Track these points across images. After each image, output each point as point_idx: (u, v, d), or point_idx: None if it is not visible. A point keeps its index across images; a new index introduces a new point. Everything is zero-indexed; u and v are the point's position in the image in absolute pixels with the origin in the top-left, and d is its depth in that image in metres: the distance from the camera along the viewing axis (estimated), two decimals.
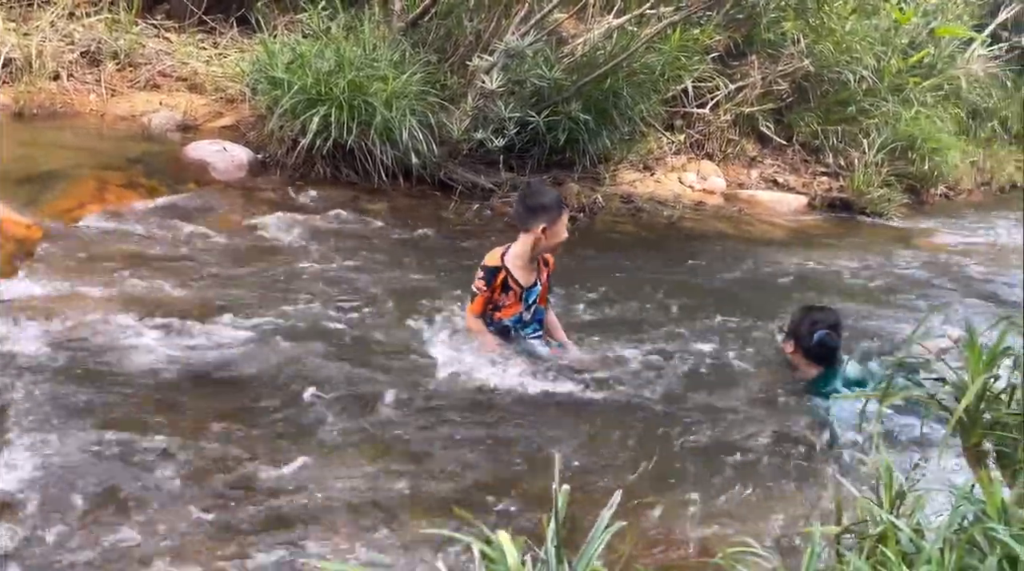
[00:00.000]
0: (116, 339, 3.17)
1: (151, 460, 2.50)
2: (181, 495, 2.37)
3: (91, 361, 3.00)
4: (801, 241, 6.45)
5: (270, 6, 6.84)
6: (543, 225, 3.21)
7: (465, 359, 3.39)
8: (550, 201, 3.26)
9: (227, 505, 2.35)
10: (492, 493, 2.52)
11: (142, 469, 2.46)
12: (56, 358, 2.96)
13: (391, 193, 5.59)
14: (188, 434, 2.66)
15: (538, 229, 3.21)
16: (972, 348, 2.57)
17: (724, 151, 7.98)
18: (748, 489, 2.65)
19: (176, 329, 3.33)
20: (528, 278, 3.36)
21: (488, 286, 3.34)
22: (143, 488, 2.37)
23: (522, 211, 3.29)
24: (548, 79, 5.94)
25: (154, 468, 2.46)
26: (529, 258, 3.32)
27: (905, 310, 4.85)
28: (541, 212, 3.23)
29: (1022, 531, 1.77)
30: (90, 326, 3.21)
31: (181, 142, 5.59)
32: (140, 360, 3.06)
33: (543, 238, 3.23)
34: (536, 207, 3.24)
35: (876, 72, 8.12)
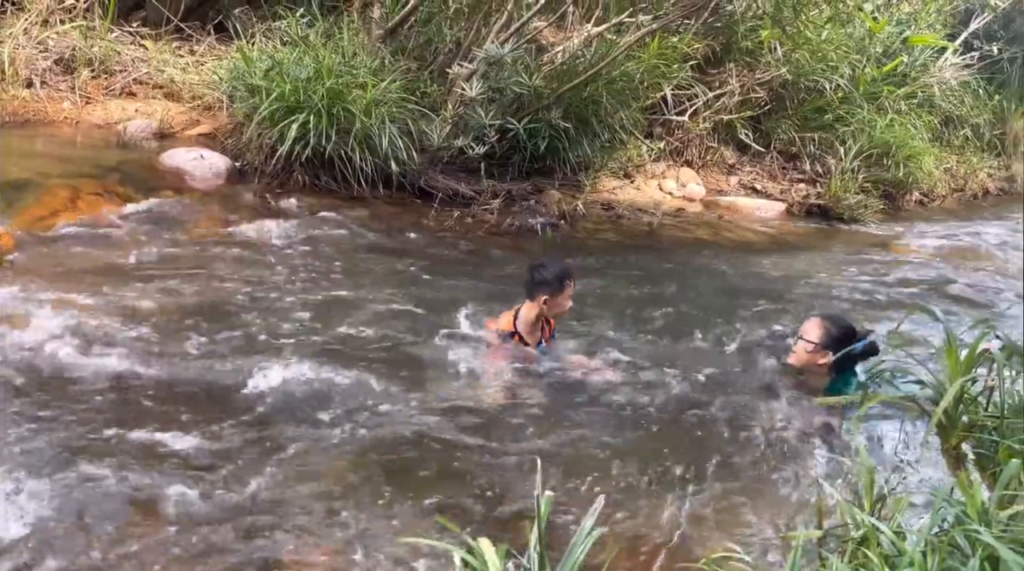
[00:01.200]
0: (88, 348, 3.11)
1: (119, 473, 2.45)
2: (153, 506, 2.32)
3: (61, 371, 2.94)
4: (780, 247, 6.50)
5: (248, 13, 6.79)
6: (545, 297, 3.51)
7: (446, 366, 3.37)
8: (552, 276, 3.54)
9: (202, 516, 2.31)
10: (475, 500, 2.50)
11: (111, 482, 2.40)
12: (24, 368, 2.90)
13: (371, 201, 5.56)
14: (162, 445, 2.61)
15: (541, 300, 3.51)
16: (949, 352, 2.60)
17: (703, 158, 8.03)
18: (731, 494, 2.65)
19: (151, 338, 3.27)
20: (535, 338, 3.63)
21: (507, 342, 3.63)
22: (111, 501, 2.32)
23: (528, 283, 3.58)
24: (528, 87, 5.94)
25: (123, 481, 2.41)
26: (534, 323, 3.60)
27: (881, 314, 4.89)
28: (544, 286, 3.52)
29: (1003, 533, 1.78)
30: (61, 335, 3.15)
31: (157, 150, 5.53)
32: (114, 370, 3.01)
33: (546, 308, 3.53)
34: (540, 281, 3.54)
35: (851, 80, 8.23)
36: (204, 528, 2.26)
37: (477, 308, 4.13)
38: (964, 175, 9.74)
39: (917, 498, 2.22)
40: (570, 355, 3.67)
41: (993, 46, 9.73)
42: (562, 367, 3.50)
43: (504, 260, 5.15)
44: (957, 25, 9.69)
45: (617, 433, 2.98)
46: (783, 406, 3.37)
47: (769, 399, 3.45)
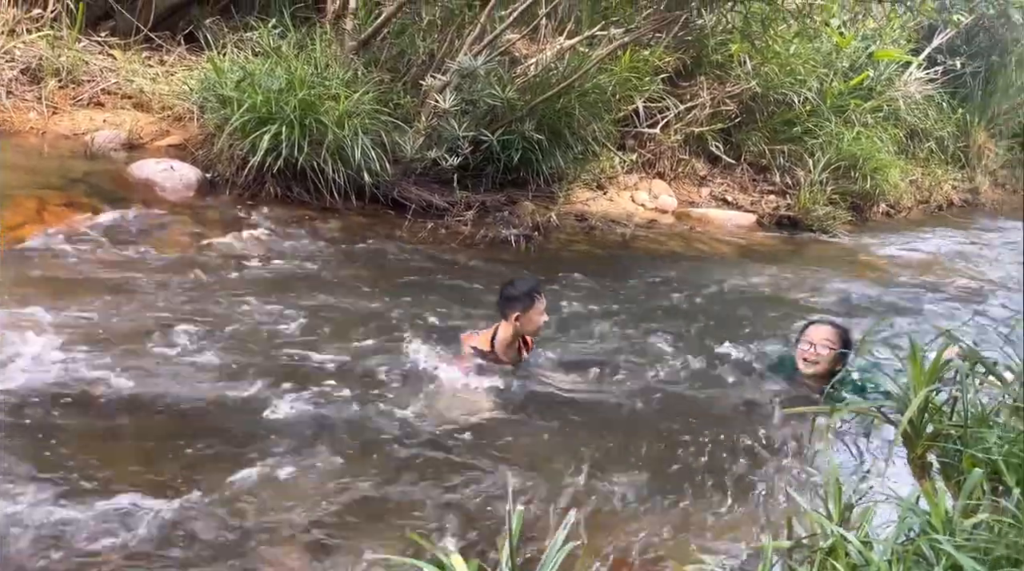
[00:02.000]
0: (55, 363, 3.06)
1: (88, 488, 2.40)
2: (124, 524, 2.28)
3: (27, 387, 2.88)
4: (750, 258, 6.58)
5: (219, 23, 6.74)
6: (516, 314, 3.52)
7: (420, 380, 3.36)
8: (521, 292, 3.56)
9: (173, 533, 2.27)
10: (447, 516, 2.49)
11: (80, 497, 2.36)
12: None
13: (344, 212, 5.53)
14: (132, 461, 2.56)
15: (513, 317, 3.51)
16: (914, 362, 2.64)
17: (675, 170, 8.11)
18: (702, 505, 2.67)
19: (118, 354, 3.22)
20: (513, 358, 3.64)
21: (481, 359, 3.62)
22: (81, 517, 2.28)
23: (500, 301, 3.59)
24: (501, 99, 5.97)
25: (93, 496, 2.37)
26: (510, 343, 3.61)
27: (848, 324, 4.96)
28: (515, 302, 3.54)
29: (966, 541, 1.81)
30: (27, 351, 3.09)
31: (126, 161, 5.45)
32: (80, 386, 2.96)
33: (519, 325, 3.53)
34: (510, 297, 3.56)
35: (819, 94, 8.38)
36: (175, 549, 2.23)
37: (451, 320, 4.13)
38: (929, 187, 9.94)
39: (884, 507, 2.25)
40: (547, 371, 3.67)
41: (956, 61, 9.97)
42: (537, 383, 3.48)
43: (478, 271, 5.16)
44: (921, 40, 9.91)
45: (588, 447, 2.98)
46: (754, 417, 3.41)
47: (741, 410, 3.49)
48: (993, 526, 1.90)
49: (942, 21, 8.85)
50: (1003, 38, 10.56)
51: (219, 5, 7.11)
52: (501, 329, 3.58)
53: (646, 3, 6.28)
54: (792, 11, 6.52)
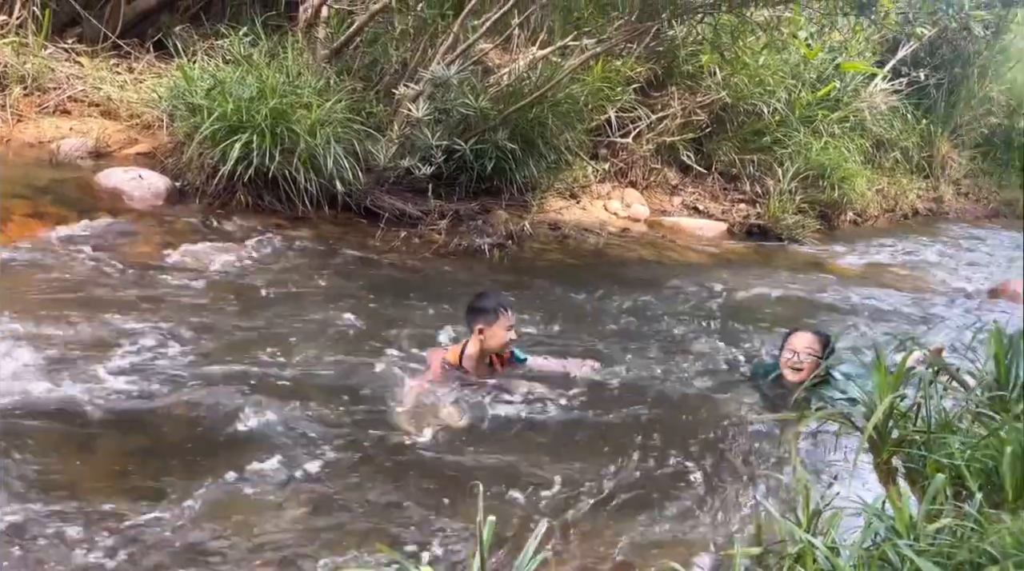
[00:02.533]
0: (19, 376, 3.00)
1: (57, 502, 2.36)
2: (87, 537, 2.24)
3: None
4: (721, 266, 6.65)
5: (189, 31, 6.68)
6: (480, 327, 3.45)
7: (391, 392, 3.34)
8: (486, 305, 3.49)
9: (140, 545, 2.24)
10: (417, 526, 2.48)
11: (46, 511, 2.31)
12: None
13: (316, 221, 5.50)
14: (97, 473, 2.52)
15: (477, 330, 3.46)
16: (879, 369, 2.69)
17: (647, 179, 8.19)
18: (673, 513, 2.69)
19: (86, 363, 3.17)
20: (482, 373, 3.56)
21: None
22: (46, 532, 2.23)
23: (466, 314, 3.53)
24: (474, 108, 5.98)
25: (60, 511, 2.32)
26: (479, 359, 3.53)
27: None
28: (479, 314, 3.47)
29: (930, 546, 1.85)
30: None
31: (93, 169, 5.37)
32: (45, 398, 2.90)
33: (483, 339, 3.46)
34: (475, 309, 3.50)
35: (788, 104, 8.51)
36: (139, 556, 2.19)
37: (423, 330, 4.12)
38: (895, 196, 10.13)
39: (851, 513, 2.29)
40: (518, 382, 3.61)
41: (920, 73, 10.19)
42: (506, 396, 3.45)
43: (451, 280, 5.15)
44: (885, 53, 10.12)
45: (559, 456, 2.99)
46: (725, 424, 3.44)
47: (711, 417, 3.52)
48: (956, 531, 1.94)
49: (905, 34, 9.03)
50: (965, 50, 10.81)
51: (189, 12, 7.06)
52: (470, 344, 3.52)
53: (617, 14, 6.33)
54: (760, 23, 6.62)
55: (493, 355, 3.58)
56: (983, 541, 1.84)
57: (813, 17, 7.24)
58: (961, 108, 11.17)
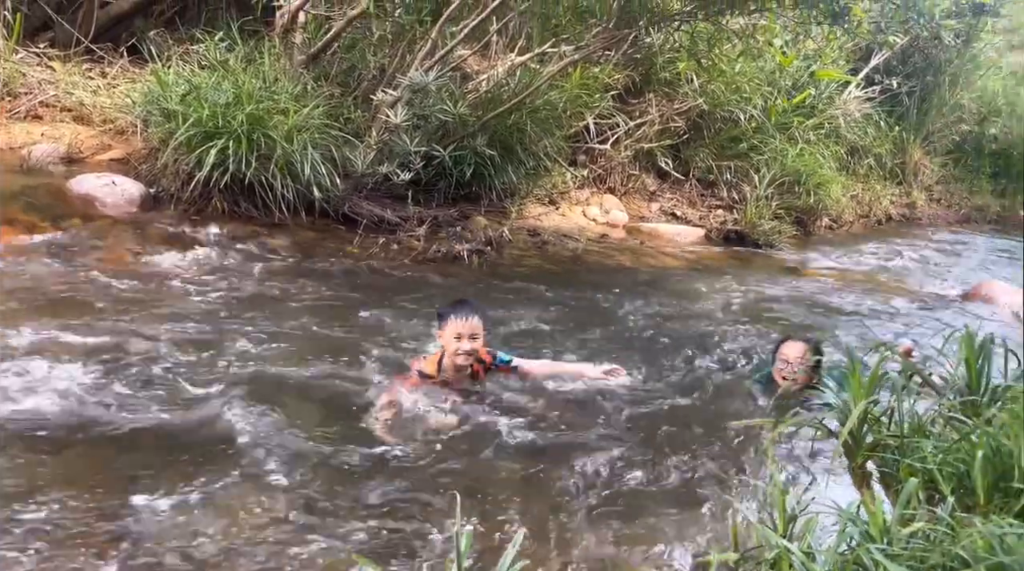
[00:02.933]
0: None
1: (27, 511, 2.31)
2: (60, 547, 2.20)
3: None
4: (699, 272, 6.69)
5: (163, 35, 6.62)
6: (438, 332, 3.43)
7: (369, 399, 3.32)
8: (441, 310, 3.45)
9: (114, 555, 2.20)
10: (394, 537, 2.46)
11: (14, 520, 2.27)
12: None
13: (293, 227, 5.46)
14: (72, 484, 2.48)
15: (439, 337, 3.42)
16: (853, 374, 2.72)
17: (625, 185, 8.24)
18: (650, 519, 2.69)
19: (58, 376, 3.12)
20: (462, 382, 3.47)
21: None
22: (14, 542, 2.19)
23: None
24: (453, 114, 5.99)
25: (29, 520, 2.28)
26: (455, 368, 3.44)
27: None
28: (437, 320, 3.44)
29: (903, 550, 1.86)
30: None
31: (65, 175, 5.30)
32: (15, 406, 2.85)
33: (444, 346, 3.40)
34: (437, 316, 3.46)
35: (764, 111, 8.61)
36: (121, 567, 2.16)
37: (402, 337, 4.10)
38: (869, 202, 10.28)
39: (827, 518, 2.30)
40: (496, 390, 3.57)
41: (892, 81, 10.37)
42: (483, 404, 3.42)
43: (430, 286, 5.14)
44: (858, 61, 10.28)
45: (534, 465, 2.98)
46: (703, 429, 3.45)
47: (689, 422, 3.53)
48: (929, 535, 1.96)
49: (878, 42, 9.19)
50: (936, 58, 11.02)
51: (164, 17, 7.00)
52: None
53: (595, 21, 6.37)
54: (736, 31, 6.70)
55: (473, 366, 3.50)
56: (955, 545, 1.86)
57: (788, 25, 7.34)
58: (933, 115, 11.38)
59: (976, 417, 2.58)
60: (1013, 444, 2.28)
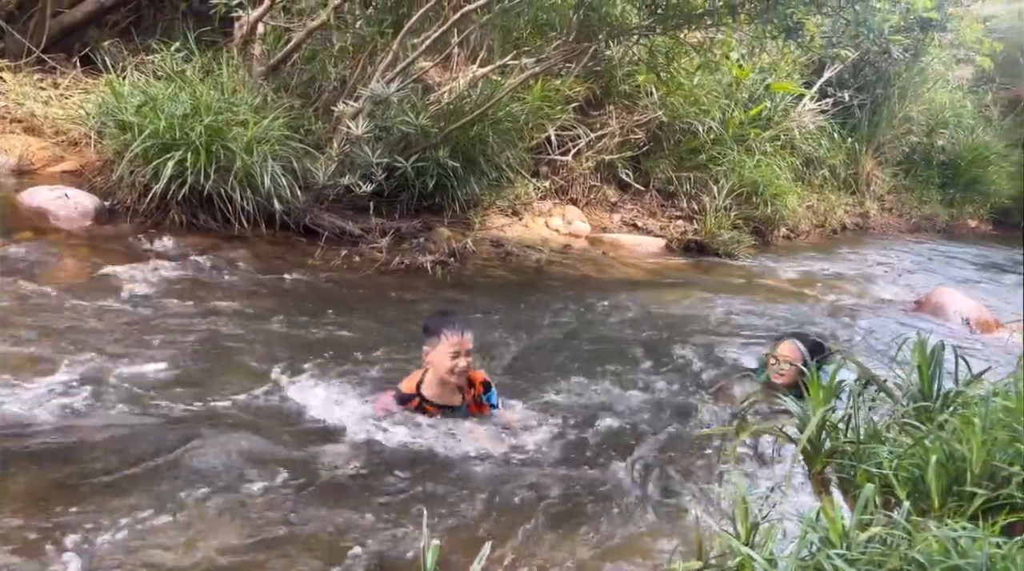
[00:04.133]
0: None
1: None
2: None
3: None
4: (660, 282, 6.77)
5: (118, 46, 6.50)
6: (425, 348, 3.20)
7: (333, 415, 3.29)
8: (430, 324, 3.22)
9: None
10: (361, 553, 2.43)
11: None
12: None
13: (253, 240, 5.39)
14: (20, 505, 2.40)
15: (424, 353, 3.21)
16: (812, 382, 2.78)
17: (587, 196, 8.31)
18: (615, 529, 2.71)
19: (7, 389, 3.02)
20: (451, 399, 3.29)
21: (401, 406, 3.27)
22: None
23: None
24: (415, 126, 5.98)
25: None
26: (440, 382, 3.24)
27: (753, 343, 5.17)
28: (424, 335, 3.22)
29: (861, 554, 1.91)
30: None
31: (15, 188, 5.16)
32: None
33: (431, 364, 3.19)
34: (423, 329, 3.25)
35: (722, 123, 8.77)
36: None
37: (364, 350, 4.07)
38: (824, 212, 10.51)
39: (789, 524, 2.34)
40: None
41: (844, 93, 10.65)
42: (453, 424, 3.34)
43: (393, 299, 5.11)
44: (812, 74, 10.54)
45: (499, 478, 2.97)
46: (667, 439, 3.49)
47: (652, 430, 3.56)
48: (886, 539, 2.01)
49: (830, 56, 9.43)
50: (886, 72, 11.34)
51: (118, 27, 6.88)
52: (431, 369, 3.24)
53: (555, 34, 6.44)
54: (694, 45, 6.82)
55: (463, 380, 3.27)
56: (912, 549, 1.90)
57: (744, 39, 7.50)
58: (883, 127, 11.70)
59: (929, 422, 2.66)
60: (965, 448, 2.35)
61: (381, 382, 3.66)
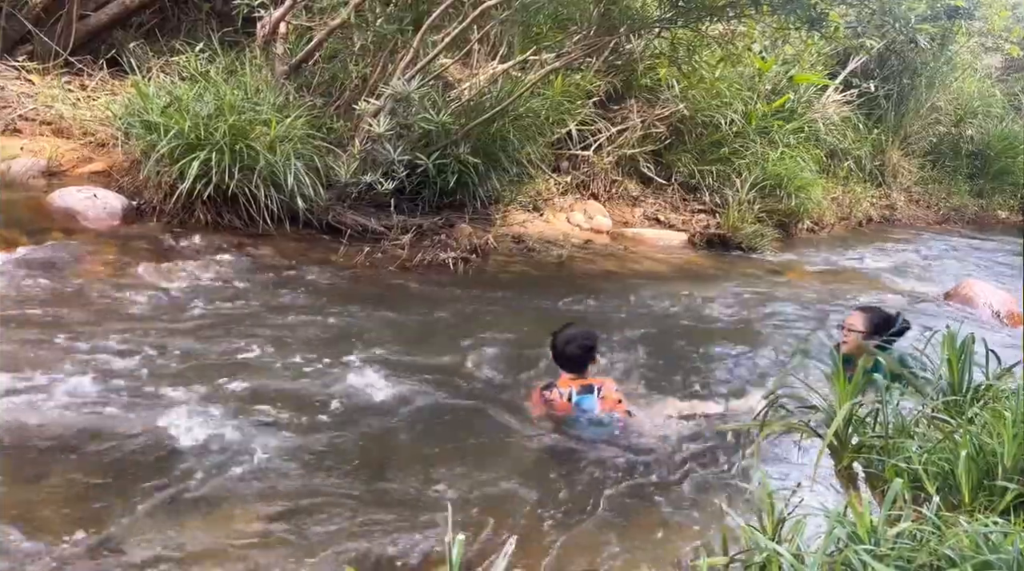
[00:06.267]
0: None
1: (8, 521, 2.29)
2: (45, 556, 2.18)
3: None
4: (683, 276, 6.73)
5: (143, 47, 6.59)
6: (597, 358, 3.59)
7: (354, 407, 3.31)
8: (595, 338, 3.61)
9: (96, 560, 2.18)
10: (386, 547, 2.45)
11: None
12: None
13: (277, 238, 5.44)
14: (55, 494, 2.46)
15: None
16: (838, 376, 2.75)
17: (609, 191, 8.27)
18: (640, 524, 2.70)
19: (40, 389, 3.09)
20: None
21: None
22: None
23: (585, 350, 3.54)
24: (436, 123, 5.99)
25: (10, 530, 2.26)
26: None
27: (777, 338, 5.12)
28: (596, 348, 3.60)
29: (890, 550, 1.88)
30: None
31: (45, 189, 5.25)
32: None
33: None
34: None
35: (744, 116, 8.67)
36: None
37: (387, 345, 4.09)
38: (849, 204, 10.37)
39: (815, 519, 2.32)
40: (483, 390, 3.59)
41: (870, 84, 10.50)
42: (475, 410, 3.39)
43: (415, 295, 5.13)
44: (836, 65, 10.39)
45: (526, 471, 2.99)
46: (690, 433, 3.47)
47: (677, 426, 3.55)
48: (915, 534, 1.99)
49: (855, 47, 9.31)
50: (913, 61, 11.15)
51: (143, 29, 6.96)
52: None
53: (576, 29, 6.41)
54: (716, 37, 6.76)
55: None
56: (941, 544, 1.88)
57: (766, 31, 7.41)
58: (910, 118, 11.51)
59: (959, 416, 2.62)
60: (996, 442, 2.31)
61: (403, 373, 3.68)
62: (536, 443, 3.24)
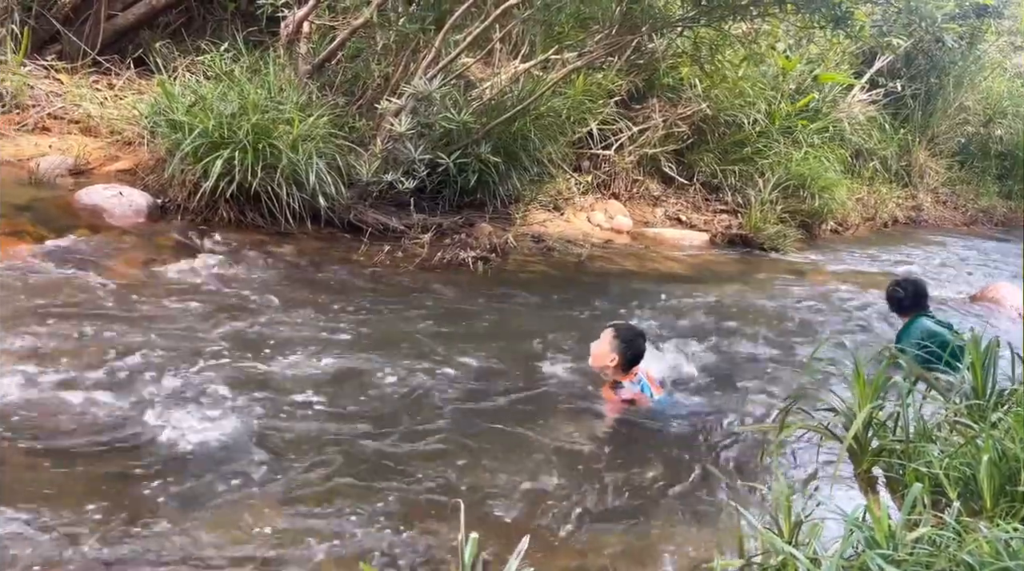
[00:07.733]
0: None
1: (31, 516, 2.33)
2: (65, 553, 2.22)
3: None
4: (705, 276, 6.69)
5: (169, 47, 6.67)
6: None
7: (371, 404, 3.34)
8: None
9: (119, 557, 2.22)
10: (398, 544, 2.47)
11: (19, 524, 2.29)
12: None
13: (299, 236, 5.49)
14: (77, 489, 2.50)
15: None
16: (858, 379, 2.72)
17: (630, 191, 8.24)
18: (656, 525, 2.69)
19: (64, 384, 3.14)
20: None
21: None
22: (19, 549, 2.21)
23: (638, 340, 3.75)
24: (457, 122, 6.00)
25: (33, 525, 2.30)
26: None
27: (799, 339, 5.08)
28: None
29: (909, 555, 1.86)
30: None
31: (73, 187, 5.34)
32: (22, 413, 2.87)
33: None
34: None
35: (768, 115, 8.61)
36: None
37: (409, 344, 4.12)
38: (875, 205, 10.25)
39: (833, 523, 2.30)
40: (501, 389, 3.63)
41: (896, 83, 10.36)
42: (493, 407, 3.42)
43: (435, 294, 5.15)
44: (862, 64, 10.27)
45: (540, 470, 2.99)
46: (707, 434, 3.46)
47: (693, 427, 3.53)
48: (935, 540, 1.96)
49: (881, 46, 9.19)
50: (940, 61, 11.00)
51: (169, 29, 7.06)
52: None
53: (598, 28, 6.39)
54: (739, 36, 6.71)
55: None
56: (961, 550, 1.86)
57: (791, 30, 7.34)
58: (938, 117, 11.35)
59: (982, 421, 2.58)
60: (1019, 448, 2.28)
61: (420, 371, 3.71)
62: (551, 442, 3.24)
